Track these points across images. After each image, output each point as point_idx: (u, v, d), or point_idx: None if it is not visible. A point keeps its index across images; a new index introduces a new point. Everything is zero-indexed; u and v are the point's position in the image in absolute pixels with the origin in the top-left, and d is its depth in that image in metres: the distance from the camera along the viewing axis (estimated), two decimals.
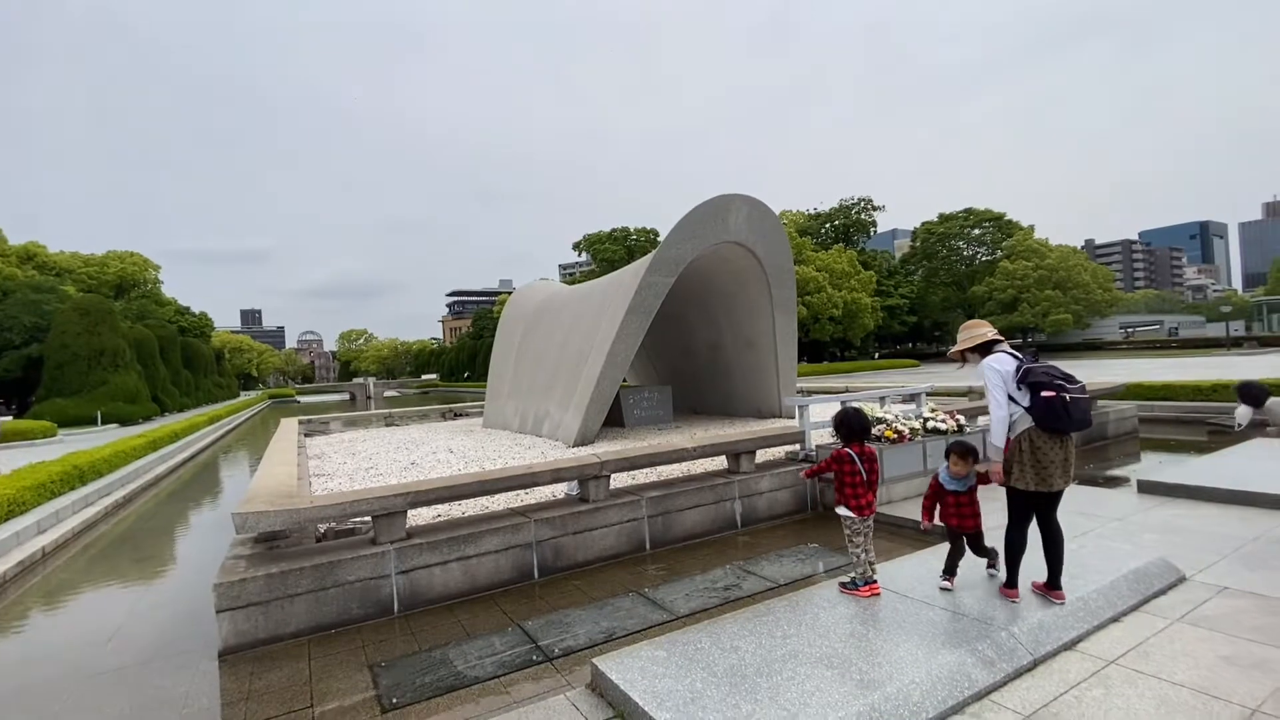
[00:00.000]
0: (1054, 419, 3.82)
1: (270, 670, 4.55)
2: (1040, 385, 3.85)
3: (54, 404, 30.21)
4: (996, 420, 3.99)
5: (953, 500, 4.36)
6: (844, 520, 4.42)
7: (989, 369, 4.05)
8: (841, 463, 4.35)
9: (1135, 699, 3.25)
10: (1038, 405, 3.85)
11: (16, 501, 8.51)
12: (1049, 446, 3.91)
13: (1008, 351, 4.14)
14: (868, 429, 4.50)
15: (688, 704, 3.14)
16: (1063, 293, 58.11)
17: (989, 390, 4.02)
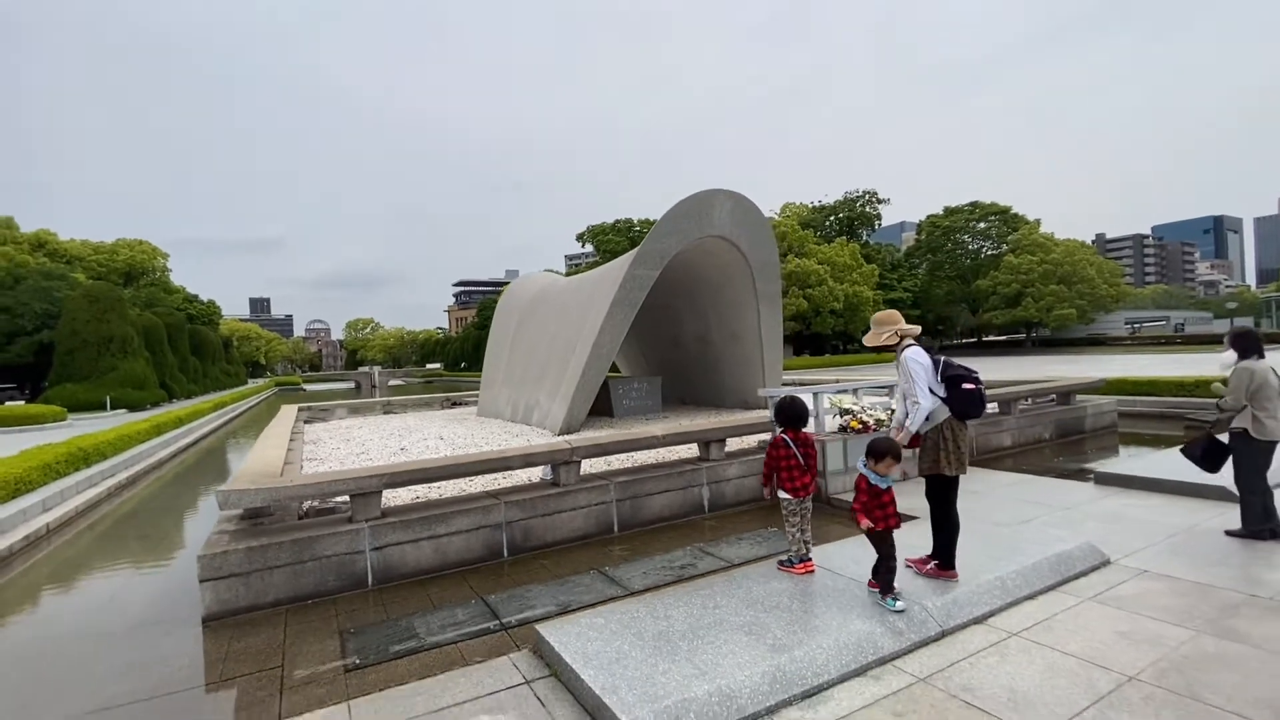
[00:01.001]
0: (971, 408, 4.12)
1: (249, 635, 4.91)
2: (960, 379, 4.14)
3: (64, 389, 30.86)
4: (924, 410, 4.25)
5: (887, 499, 4.20)
6: (783, 502, 4.70)
7: (914, 363, 4.31)
8: (778, 448, 4.63)
9: (1025, 665, 3.54)
10: (960, 397, 4.14)
11: (23, 480, 8.92)
12: (963, 433, 4.20)
13: (924, 347, 4.41)
14: (803, 416, 4.76)
15: (611, 663, 3.46)
16: (1068, 287, 57.78)
17: (914, 383, 4.28)
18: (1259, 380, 5.37)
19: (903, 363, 4.40)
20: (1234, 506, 6.37)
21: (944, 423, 4.27)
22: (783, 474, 4.62)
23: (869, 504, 4.17)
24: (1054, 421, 11.99)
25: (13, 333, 35.22)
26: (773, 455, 4.66)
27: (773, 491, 4.72)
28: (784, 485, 4.61)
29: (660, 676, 3.30)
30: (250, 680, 4.24)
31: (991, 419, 11.20)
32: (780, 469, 4.62)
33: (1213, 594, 4.37)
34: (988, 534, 5.56)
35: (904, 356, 4.40)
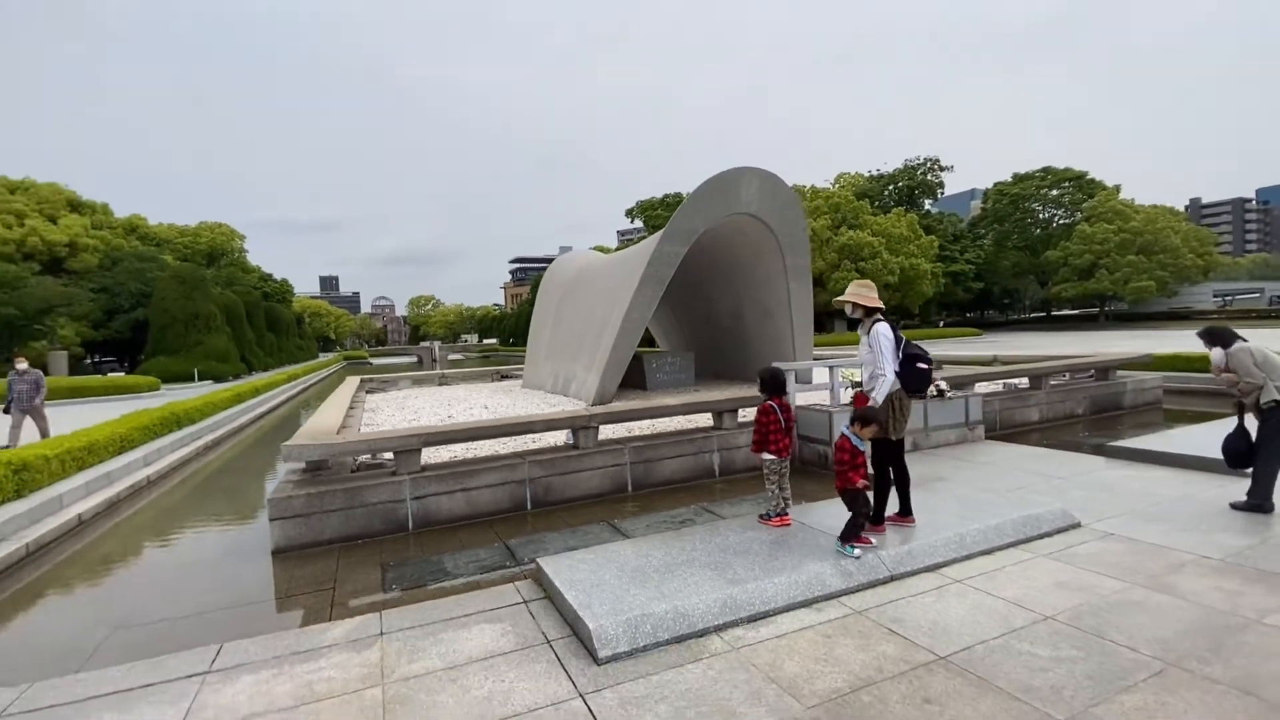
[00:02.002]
0: (920, 384, 4.55)
1: (308, 564, 5.86)
2: (916, 358, 4.58)
3: (158, 362, 33.96)
4: (889, 380, 4.68)
5: (861, 460, 4.58)
6: (766, 462, 5.20)
7: (884, 337, 4.73)
8: (767, 414, 5.12)
9: (955, 605, 3.98)
10: (914, 374, 4.57)
11: (127, 439, 10.35)
12: (906, 402, 4.62)
13: (889, 323, 4.80)
14: (783, 384, 5.23)
15: (591, 588, 4.11)
16: (1147, 258, 54.16)
17: (882, 354, 4.70)
18: (1260, 354, 5.49)
19: (873, 335, 4.78)
20: (1235, 480, 6.48)
21: (894, 394, 4.68)
22: (771, 436, 5.12)
23: (854, 463, 4.54)
24: (1088, 397, 11.84)
25: (112, 310, 38.76)
26: (763, 421, 5.14)
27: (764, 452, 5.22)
28: (768, 447, 5.10)
29: (629, 598, 3.93)
30: (308, 597, 5.15)
31: (1018, 394, 11.20)
32: (769, 433, 5.11)
33: (1167, 554, 4.64)
34: (969, 498, 5.90)
35: (875, 330, 4.80)
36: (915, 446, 8.72)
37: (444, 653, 3.66)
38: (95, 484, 8.56)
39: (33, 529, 6.81)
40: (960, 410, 9.15)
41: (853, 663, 3.35)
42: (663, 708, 3.03)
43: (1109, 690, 3.00)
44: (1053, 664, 3.25)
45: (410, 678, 3.40)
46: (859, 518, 4.56)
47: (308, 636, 3.95)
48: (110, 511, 8.40)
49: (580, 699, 3.14)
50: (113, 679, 3.53)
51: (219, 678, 3.50)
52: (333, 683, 3.38)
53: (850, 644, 3.55)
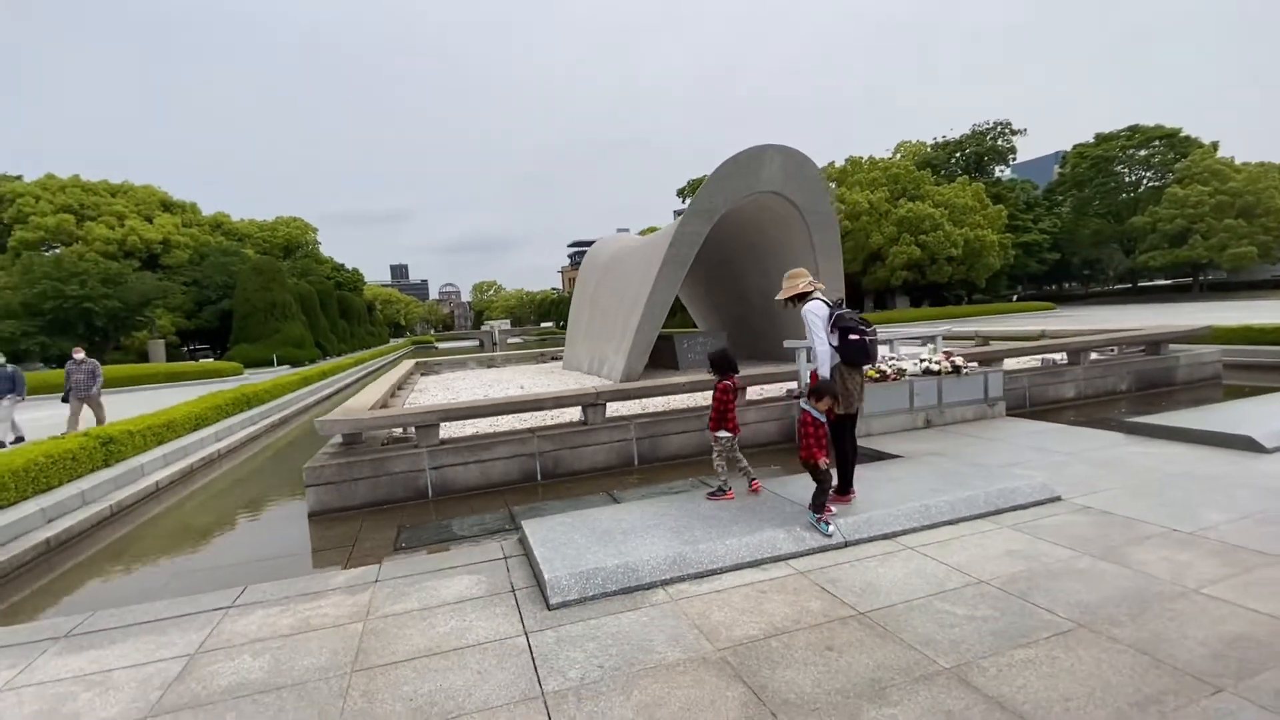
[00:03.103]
0: (857, 356, 4.67)
1: (337, 526, 6.59)
2: (849, 329, 4.68)
3: (241, 349, 36.88)
4: (824, 354, 4.82)
5: (823, 433, 4.70)
6: (721, 440, 5.41)
7: (811, 314, 4.87)
8: (726, 393, 5.37)
9: (896, 568, 4.17)
10: (848, 345, 4.69)
11: (201, 417, 11.59)
12: (852, 377, 4.76)
13: (821, 299, 4.92)
14: (734, 364, 5.44)
15: (559, 545, 4.54)
16: (1248, 221, 49.41)
17: (813, 331, 4.84)
18: None
19: (804, 314, 4.93)
20: (1250, 456, 6.26)
21: (836, 367, 4.81)
22: (730, 414, 5.37)
23: (822, 436, 4.66)
24: (1133, 372, 11.30)
25: (202, 302, 42.23)
26: (722, 400, 5.38)
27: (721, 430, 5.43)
28: (726, 425, 5.35)
29: (589, 555, 4.33)
30: (331, 552, 5.87)
31: (1052, 370, 10.84)
32: (728, 411, 5.36)
33: (1135, 527, 4.63)
34: (955, 471, 5.96)
35: (805, 309, 4.93)
36: (929, 423, 8.69)
37: (423, 597, 4.18)
38: (172, 456, 9.71)
39: (117, 493, 7.88)
40: (979, 386, 9.01)
41: (776, 615, 3.64)
42: (590, 644, 3.43)
43: (1005, 645, 3.17)
44: (964, 621, 3.43)
45: (389, 615, 3.94)
46: (826, 488, 4.70)
47: (316, 581, 4.57)
48: (184, 480, 9.53)
49: (524, 636, 3.58)
50: (156, 610, 4.25)
51: (238, 612, 4.15)
52: (325, 618, 3.97)
53: (781, 600, 3.83)
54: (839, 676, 2.99)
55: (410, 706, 2.98)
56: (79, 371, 10.87)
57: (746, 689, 2.94)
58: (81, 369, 10.91)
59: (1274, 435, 6.64)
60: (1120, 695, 2.74)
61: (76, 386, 10.81)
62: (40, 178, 45.98)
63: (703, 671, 3.11)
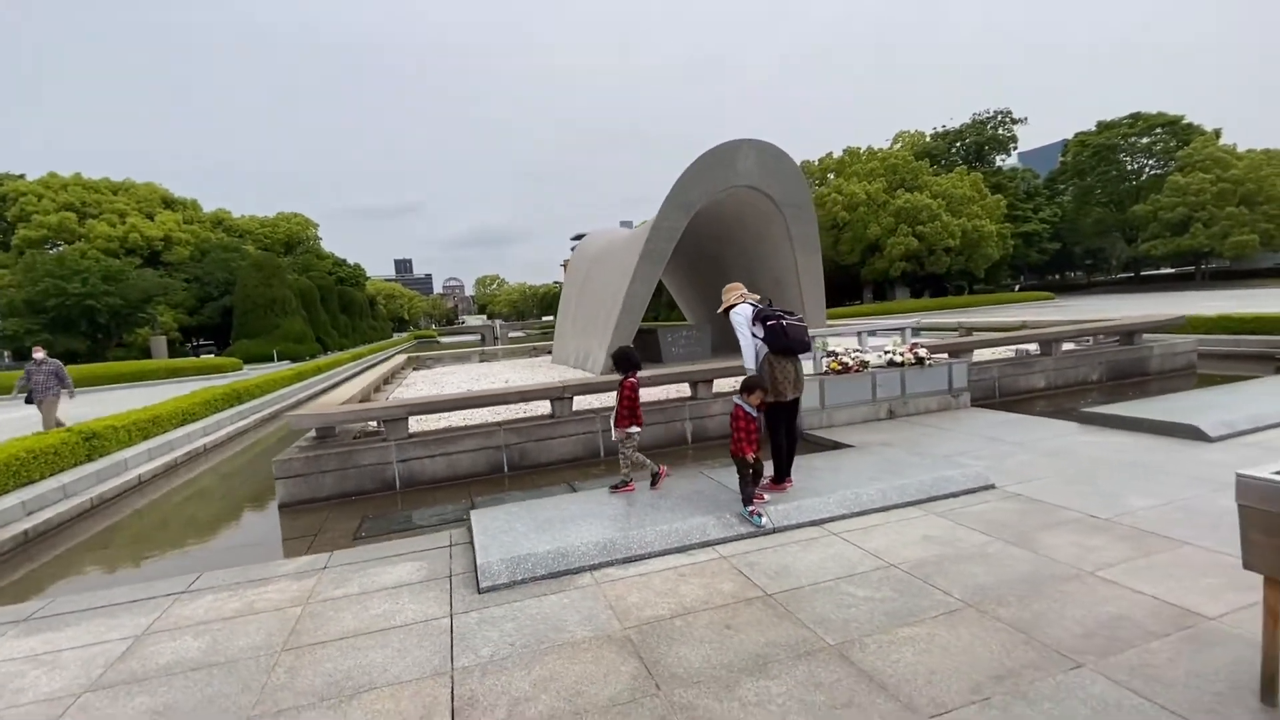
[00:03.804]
0: (777, 340, 4.87)
1: (305, 516, 6.82)
2: (768, 319, 4.89)
3: (242, 344, 37.23)
4: (748, 349, 5.05)
5: (754, 427, 4.82)
6: (630, 436, 5.48)
7: (736, 316, 5.18)
8: (633, 390, 5.48)
9: (815, 553, 4.35)
10: (769, 332, 4.91)
11: (189, 412, 11.85)
12: (781, 366, 4.94)
13: (750, 303, 5.15)
14: (637, 362, 5.55)
15: (499, 533, 4.74)
16: (1249, 209, 49.02)
17: (738, 330, 5.08)
18: None
19: (731, 319, 5.17)
20: (1193, 445, 6.41)
21: (764, 357, 5.01)
22: (639, 410, 5.49)
23: (752, 431, 4.78)
24: (1105, 363, 11.41)
25: (203, 298, 42.63)
26: (631, 397, 5.46)
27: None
28: (636, 420, 5.46)
29: (524, 541, 4.53)
30: (294, 542, 6.12)
31: (1022, 360, 10.96)
32: (638, 407, 5.49)
33: (1056, 513, 4.79)
34: (898, 460, 6.12)
35: (731, 314, 5.18)
36: (892, 414, 8.85)
37: (365, 583, 4.39)
38: (157, 450, 9.97)
39: (98, 486, 8.14)
40: (943, 378, 9.14)
41: (688, 597, 3.83)
42: (509, 625, 3.63)
43: (893, 624, 3.35)
44: (862, 602, 3.61)
45: (328, 599, 4.15)
46: (752, 482, 4.87)
47: (267, 569, 4.79)
48: (168, 473, 9.79)
49: (449, 618, 3.78)
50: (113, 596, 4.48)
51: (189, 597, 4.38)
52: (269, 602, 4.18)
53: (698, 582, 4.02)
54: (729, 652, 3.18)
55: (328, 681, 3.19)
56: (39, 373, 10.20)
57: (640, 664, 3.13)
58: (42, 370, 10.23)
59: (1220, 425, 6.78)
60: (983, 669, 2.91)
61: (37, 388, 10.13)
62: (43, 176, 46.39)
63: (605, 648, 3.30)
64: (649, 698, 2.86)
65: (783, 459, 5.34)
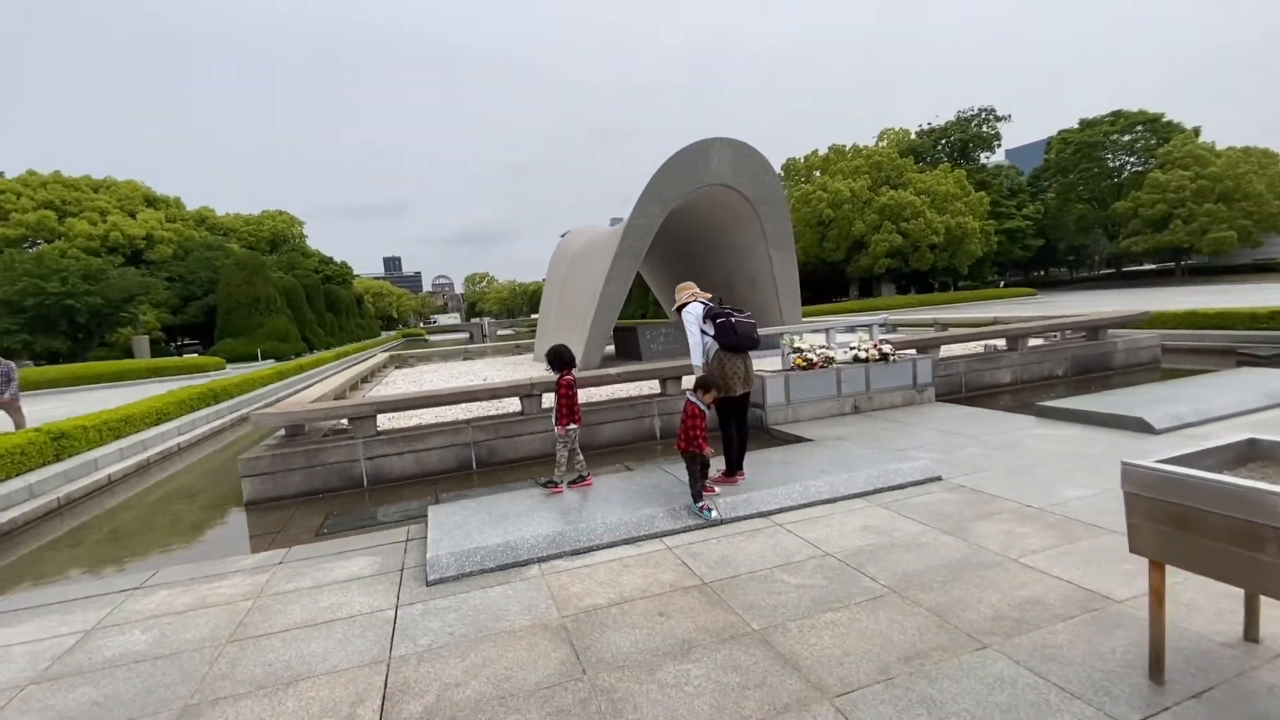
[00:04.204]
0: (727, 337, 5.01)
1: (270, 514, 6.88)
2: (718, 316, 5.03)
3: (226, 344, 36.94)
4: (696, 346, 5.19)
5: (704, 424, 4.95)
6: (570, 433, 5.52)
7: (686, 314, 5.29)
8: (570, 388, 5.56)
9: (758, 543, 4.48)
10: (719, 329, 5.04)
11: (163, 412, 11.84)
12: (731, 362, 5.07)
13: (701, 302, 5.27)
14: (570, 360, 5.62)
15: (452, 528, 4.84)
16: (1228, 206, 49.80)
17: (688, 329, 5.20)
18: None
19: (683, 315, 5.29)
20: (1138, 437, 6.61)
21: (715, 355, 5.15)
22: (577, 408, 5.56)
23: (703, 427, 4.89)
24: (1070, 357, 11.63)
25: (187, 297, 42.27)
26: (568, 395, 5.52)
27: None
28: (575, 419, 5.54)
29: (475, 535, 4.63)
30: (261, 538, 6.17)
31: (989, 356, 11.16)
32: (577, 405, 5.57)
33: (994, 503, 4.95)
34: (851, 454, 6.27)
35: (682, 313, 5.30)
36: (857, 409, 9.01)
37: (318, 577, 4.48)
38: (129, 450, 9.97)
39: (66, 486, 8.15)
40: (907, 373, 9.31)
41: (628, 586, 3.95)
42: (451, 615, 3.73)
43: (818, 610, 3.49)
44: (793, 589, 3.75)
45: (278, 593, 4.24)
46: (701, 478, 4.98)
47: (224, 564, 4.87)
48: (140, 473, 9.79)
49: (395, 610, 3.88)
50: (68, 592, 4.55)
51: (143, 592, 4.45)
52: (221, 596, 4.26)
53: (640, 573, 4.14)
54: (657, 638, 3.30)
55: (267, 670, 3.28)
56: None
57: (570, 650, 3.25)
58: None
59: (1167, 418, 6.98)
60: (895, 651, 3.05)
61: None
62: (21, 174, 45.78)
63: (539, 636, 3.41)
64: (574, 681, 2.97)
65: (733, 453, 5.47)
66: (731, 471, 5.49)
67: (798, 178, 56.81)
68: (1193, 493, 2.47)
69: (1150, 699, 2.60)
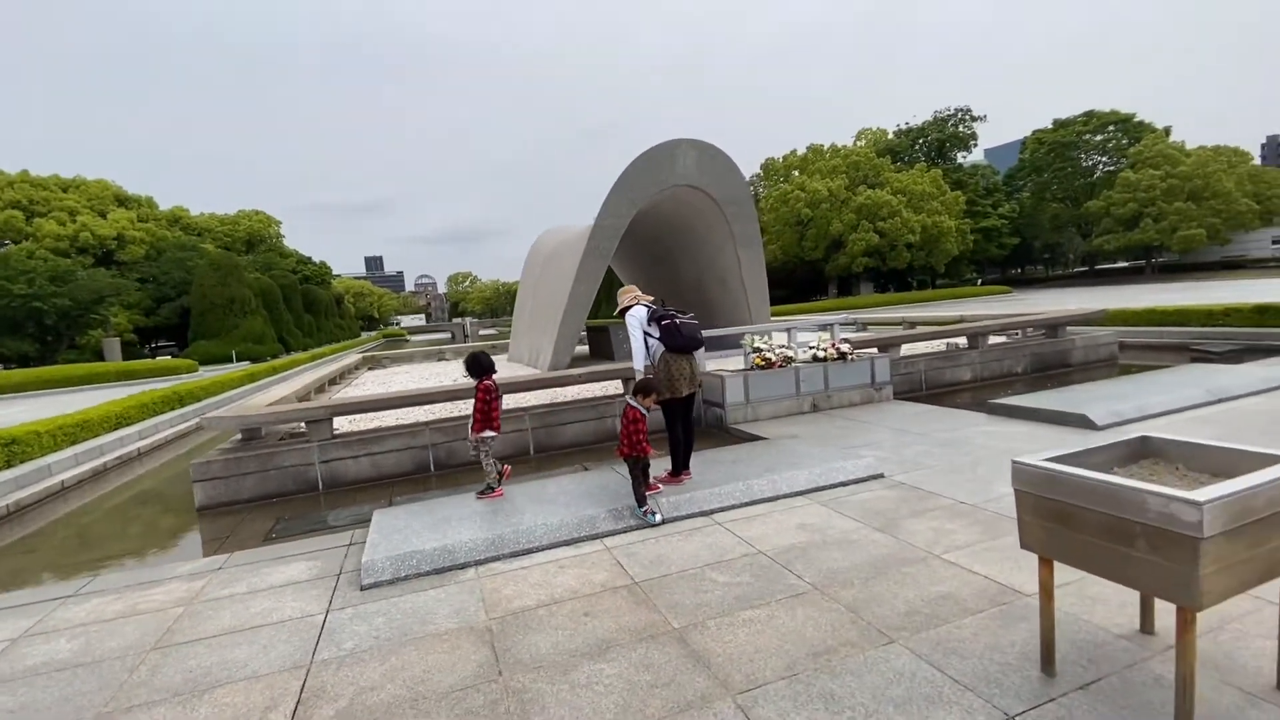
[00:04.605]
0: (672, 338, 5.07)
1: (221, 519, 6.82)
2: (662, 319, 5.08)
3: (200, 346, 36.42)
4: (638, 350, 5.24)
5: (645, 428, 4.97)
6: (488, 440, 5.52)
7: (629, 318, 5.33)
8: (488, 393, 5.54)
9: (696, 542, 4.54)
10: (664, 331, 5.09)
11: (123, 416, 11.67)
12: (676, 363, 5.13)
13: (644, 304, 5.32)
14: (488, 366, 5.61)
15: (392, 532, 4.85)
16: (1197, 204, 50.91)
17: (630, 332, 5.25)
18: None
19: (626, 319, 5.35)
20: (1075, 431, 6.76)
21: (661, 355, 5.21)
22: (494, 414, 5.55)
23: (644, 431, 4.91)
24: (1029, 355, 11.86)
25: (160, 299, 41.58)
26: (485, 400, 5.50)
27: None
28: (492, 425, 5.54)
29: (414, 539, 4.65)
30: (212, 543, 6.13)
31: (949, 354, 11.35)
32: (495, 411, 5.56)
33: (928, 500, 5.06)
34: (798, 452, 6.36)
35: (626, 315, 5.35)
36: (816, 408, 9.12)
37: (254, 582, 4.47)
38: (85, 455, 9.82)
39: (16, 493, 8.02)
40: (865, 372, 9.44)
41: (559, 587, 3.99)
42: (379, 619, 3.75)
43: (740, 607, 3.55)
44: (720, 588, 3.81)
45: (211, 599, 4.22)
46: (644, 481, 5.02)
47: (162, 570, 4.84)
48: (96, 479, 9.65)
49: (325, 614, 3.88)
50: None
51: (76, 600, 4.41)
52: (153, 603, 4.24)
53: (574, 573, 4.18)
54: (578, 639, 3.35)
55: (187, 678, 3.28)
56: None
57: (491, 652, 3.28)
58: None
59: (1109, 415, 7.16)
60: (805, 647, 3.12)
61: None
62: None
63: (463, 639, 3.45)
64: (488, 683, 3.01)
65: (679, 453, 5.53)
66: (677, 471, 5.56)
67: (777, 177, 57.18)
68: (1073, 490, 2.57)
69: (1039, 690, 2.69)
